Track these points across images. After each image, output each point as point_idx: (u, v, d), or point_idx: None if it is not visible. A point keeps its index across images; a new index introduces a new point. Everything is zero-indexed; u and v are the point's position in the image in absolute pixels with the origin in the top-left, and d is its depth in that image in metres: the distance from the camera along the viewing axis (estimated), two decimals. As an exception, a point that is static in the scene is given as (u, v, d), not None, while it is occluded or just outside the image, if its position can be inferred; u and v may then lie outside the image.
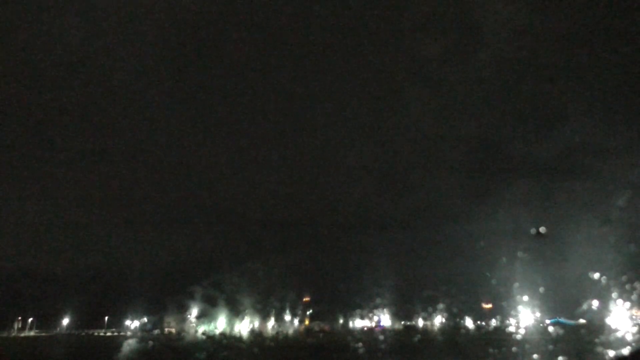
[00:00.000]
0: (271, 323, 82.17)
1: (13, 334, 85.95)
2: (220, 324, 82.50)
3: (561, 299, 59.47)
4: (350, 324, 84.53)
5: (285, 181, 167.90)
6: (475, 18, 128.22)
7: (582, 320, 57.19)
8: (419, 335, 57.72)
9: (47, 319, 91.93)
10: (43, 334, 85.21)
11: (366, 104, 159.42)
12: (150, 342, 51.19)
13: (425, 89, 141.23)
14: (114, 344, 47.52)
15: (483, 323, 78.09)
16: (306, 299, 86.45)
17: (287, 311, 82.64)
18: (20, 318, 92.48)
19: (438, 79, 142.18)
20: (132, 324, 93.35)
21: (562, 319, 63.16)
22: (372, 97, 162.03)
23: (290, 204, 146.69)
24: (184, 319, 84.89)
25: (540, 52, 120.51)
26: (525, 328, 60.20)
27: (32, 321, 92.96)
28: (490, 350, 33.11)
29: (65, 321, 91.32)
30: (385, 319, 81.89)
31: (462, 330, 66.09)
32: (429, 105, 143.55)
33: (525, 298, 57.90)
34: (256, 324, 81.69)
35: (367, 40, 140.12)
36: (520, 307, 62.54)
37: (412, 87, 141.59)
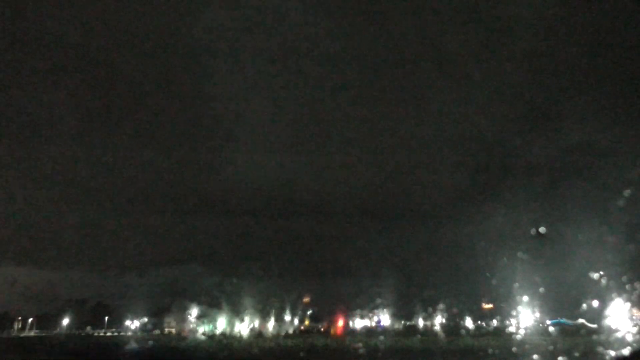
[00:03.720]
0: (271, 323, 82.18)
1: (13, 334, 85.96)
2: (220, 324, 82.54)
3: (561, 300, 59.44)
4: (351, 324, 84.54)
5: (286, 181, 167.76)
6: (494, 14, 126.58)
7: (582, 321, 57.13)
8: (418, 335, 57.58)
9: (47, 319, 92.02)
10: (43, 334, 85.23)
11: (373, 102, 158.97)
12: (150, 342, 51.24)
13: (443, 85, 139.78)
14: (114, 344, 47.48)
15: (483, 323, 78.03)
16: (306, 299, 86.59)
17: (287, 311, 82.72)
18: (20, 318, 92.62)
19: (458, 76, 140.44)
20: (132, 323, 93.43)
21: (563, 320, 63.10)
22: (382, 93, 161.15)
23: (291, 205, 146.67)
24: (184, 319, 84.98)
25: (541, 51, 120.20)
26: (526, 328, 60.15)
27: (32, 321, 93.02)
28: (490, 351, 33.03)
29: (65, 321, 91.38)
30: (385, 319, 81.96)
31: (462, 331, 65.90)
32: (435, 104, 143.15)
33: (526, 298, 57.87)
34: (256, 324, 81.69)
35: (389, 32, 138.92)
36: (520, 308, 62.52)
37: (435, 83, 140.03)
